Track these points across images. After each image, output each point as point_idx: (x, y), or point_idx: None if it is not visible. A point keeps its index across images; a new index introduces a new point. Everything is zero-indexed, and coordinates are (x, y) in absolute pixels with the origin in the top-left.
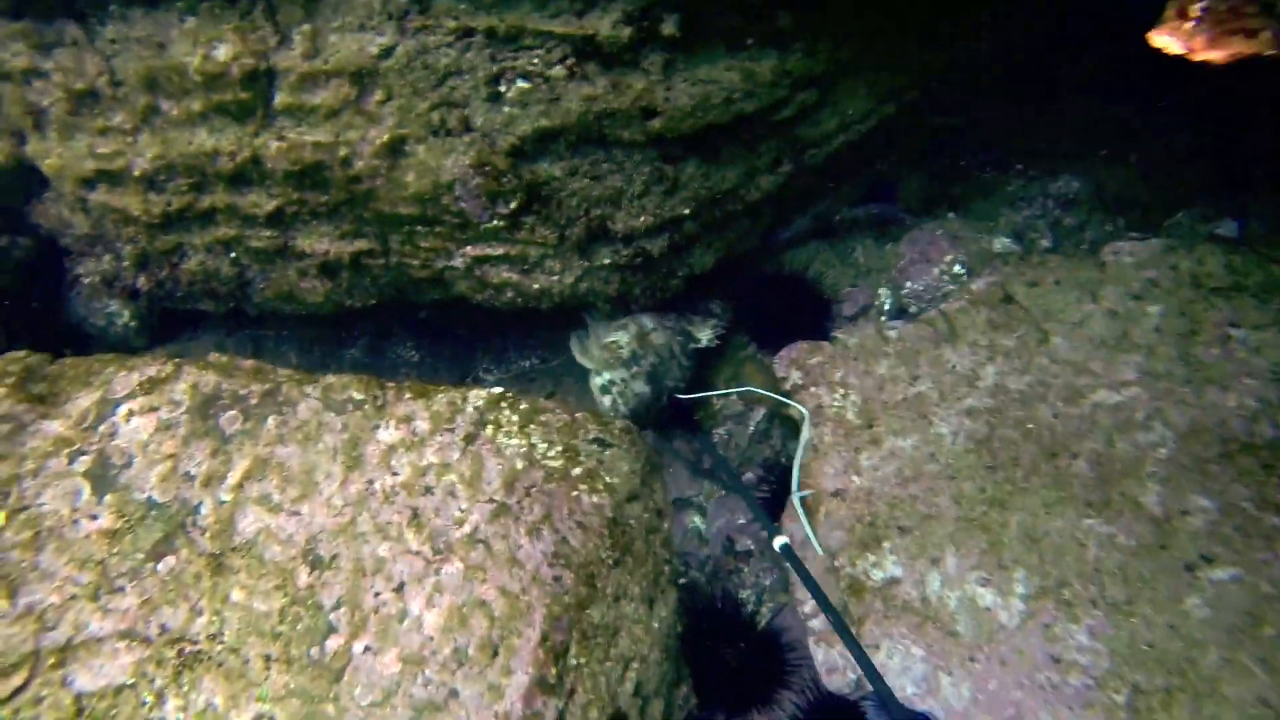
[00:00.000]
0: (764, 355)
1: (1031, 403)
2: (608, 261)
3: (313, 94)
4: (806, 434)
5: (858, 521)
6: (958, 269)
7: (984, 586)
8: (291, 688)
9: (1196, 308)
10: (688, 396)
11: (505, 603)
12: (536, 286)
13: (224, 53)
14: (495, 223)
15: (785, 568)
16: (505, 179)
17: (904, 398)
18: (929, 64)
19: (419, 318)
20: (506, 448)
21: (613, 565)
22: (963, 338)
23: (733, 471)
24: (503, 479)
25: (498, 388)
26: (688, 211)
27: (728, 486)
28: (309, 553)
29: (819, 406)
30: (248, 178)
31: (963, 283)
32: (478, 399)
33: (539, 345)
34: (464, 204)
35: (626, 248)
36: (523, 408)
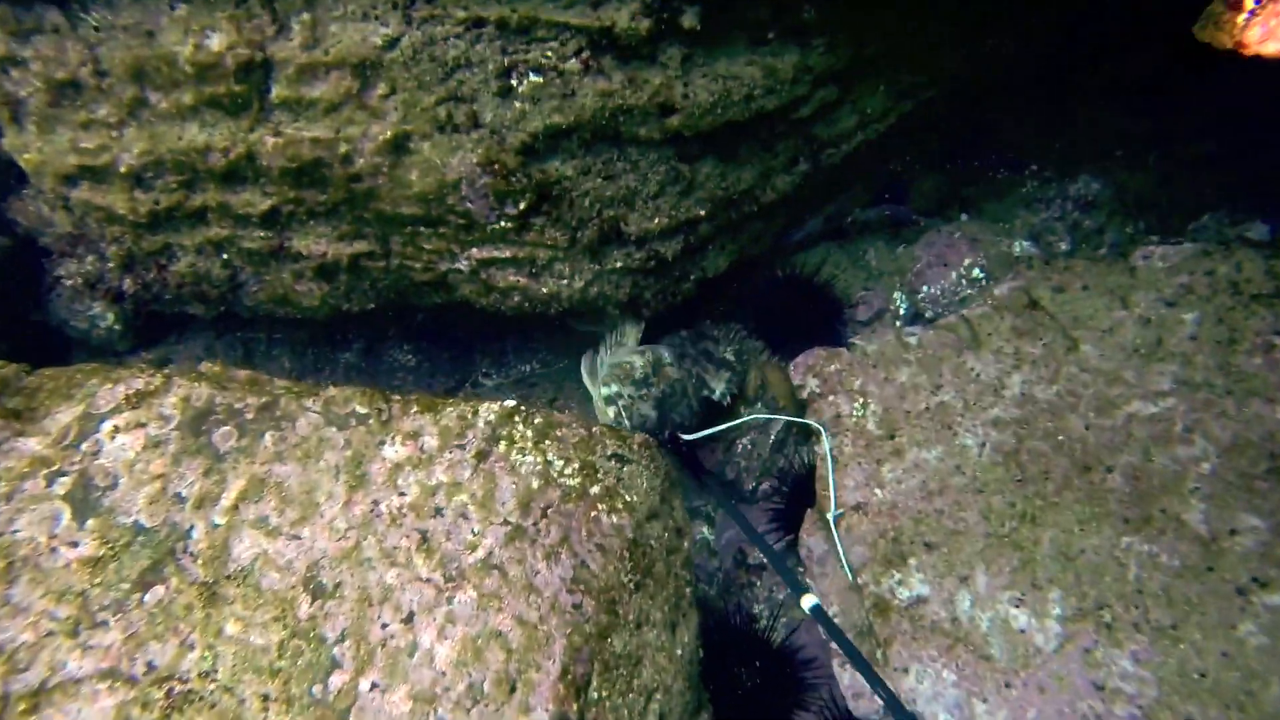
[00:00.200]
0: (780, 360)
1: (1061, 413)
2: (619, 265)
3: (312, 87)
4: (828, 447)
5: (881, 536)
6: (976, 273)
7: (1017, 607)
8: None
9: (1236, 315)
10: (692, 435)
11: (523, 633)
12: (545, 290)
13: (217, 42)
14: (503, 224)
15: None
16: (514, 178)
17: (927, 407)
18: (948, 63)
19: (416, 320)
20: (521, 465)
21: (634, 589)
22: (986, 345)
23: (748, 524)
24: (517, 499)
25: (510, 401)
26: (704, 213)
27: (745, 530)
28: (310, 580)
29: (838, 416)
30: (241, 175)
31: (982, 287)
32: (489, 413)
33: (539, 349)
34: (470, 204)
35: (639, 250)
36: (537, 422)
